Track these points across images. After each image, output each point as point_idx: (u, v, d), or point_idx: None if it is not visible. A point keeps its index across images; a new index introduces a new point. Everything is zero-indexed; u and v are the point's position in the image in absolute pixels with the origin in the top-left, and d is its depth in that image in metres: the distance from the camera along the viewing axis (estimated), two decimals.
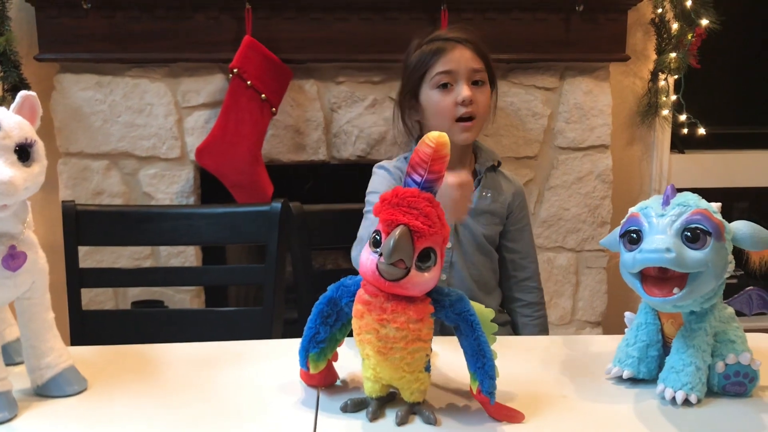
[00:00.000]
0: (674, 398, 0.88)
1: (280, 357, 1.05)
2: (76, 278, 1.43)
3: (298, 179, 2.30)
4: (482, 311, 0.86)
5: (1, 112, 0.83)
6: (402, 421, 0.83)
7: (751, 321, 2.25)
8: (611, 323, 2.29)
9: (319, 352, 0.89)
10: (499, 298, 1.49)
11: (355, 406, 0.87)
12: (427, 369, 0.85)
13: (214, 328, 1.45)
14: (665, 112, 2.31)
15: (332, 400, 0.90)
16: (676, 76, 2.28)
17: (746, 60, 2.57)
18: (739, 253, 0.89)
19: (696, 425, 0.85)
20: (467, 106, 1.37)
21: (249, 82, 1.98)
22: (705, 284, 0.86)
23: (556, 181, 2.23)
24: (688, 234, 0.84)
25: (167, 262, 2.14)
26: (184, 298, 2.16)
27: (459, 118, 1.38)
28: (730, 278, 0.89)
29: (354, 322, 0.83)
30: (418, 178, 0.80)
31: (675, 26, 2.23)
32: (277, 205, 1.43)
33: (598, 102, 2.20)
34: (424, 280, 0.79)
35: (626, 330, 0.99)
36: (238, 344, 1.12)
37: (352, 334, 0.85)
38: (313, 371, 0.90)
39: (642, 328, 0.96)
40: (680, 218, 0.85)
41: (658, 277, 0.87)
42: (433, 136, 0.80)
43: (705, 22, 2.19)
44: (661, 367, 0.93)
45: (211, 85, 2.09)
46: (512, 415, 0.85)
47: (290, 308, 1.56)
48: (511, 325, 1.50)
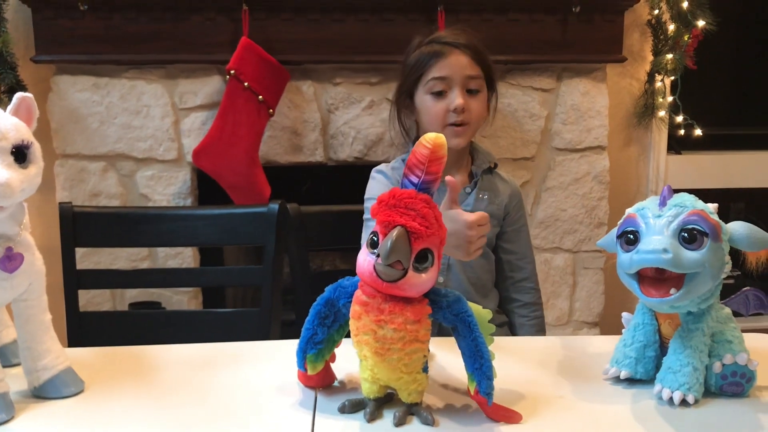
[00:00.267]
0: (671, 399, 0.88)
1: (278, 358, 1.05)
2: (74, 280, 1.43)
3: (295, 180, 2.30)
4: (480, 312, 0.86)
5: None
6: (400, 422, 0.83)
7: (748, 321, 2.26)
8: (608, 324, 2.30)
9: (317, 353, 0.89)
10: (497, 300, 1.49)
11: (352, 407, 0.87)
12: (425, 370, 0.85)
13: (212, 330, 1.45)
14: (662, 113, 2.31)
15: (330, 401, 0.90)
16: (673, 77, 2.28)
17: (742, 61, 2.58)
18: (736, 254, 0.90)
19: (693, 426, 0.85)
20: (459, 114, 1.37)
21: (246, 84, 1.98)
22: (702, 285, 0.86)
23: (553, 182, 2.23)
24: (685, 235, 0.85)
25: (164, 264, 2.14)
26: (182, 300, 2.16)
27: (450, 124, 1.38)
28: (726, 279, 0.89)
29: (351, 323, 0.83)
30: (415, 180, 0.80)
31: (671, 27, 2.24)
32: (275, 206, 1.43)
33: (595, 103, 2.20)
34: (422, 281, 0.79)
35: (623, 330, 0.99)
36: (236, 345, 1.12)
37: (350, 335, 0.85)
38: (310, 372, 0.90)
39: (639, 329, 0.96)
40: (677, 219, 0.85)
41: (655, 278, 0.87)
42: (430, 137, 0.80)
43: (701, 23, 2.19)
44: (658, 368, 0.93)
45: (208, 87, 2.09)
46: (510, 416, 0.85)
47: (288, 309, 1.56)
48: (509, 326, 1.50)
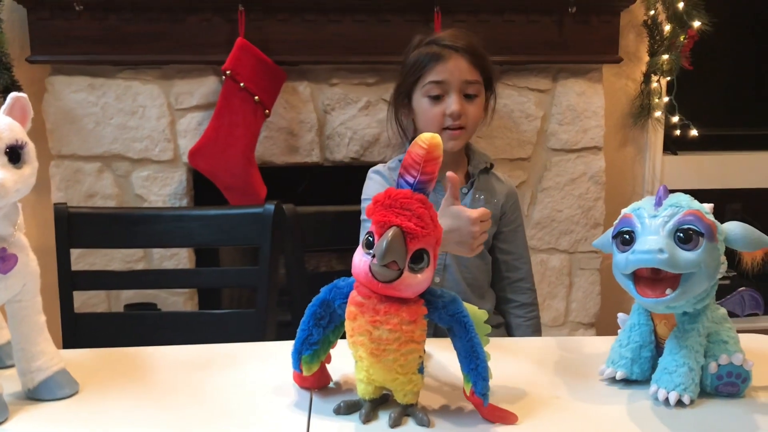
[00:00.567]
0: (667, 399, 0.88)
1: (273, 359, 1.05)
2: (69, 281, 1.43)
3: (291, 181, 2.29)
4: (475, 312, 0.85)
5: None
6: (395, 423, 0.83)
7: (744, 322, 2.26)
8: (604, 324, 2.29)
9: (312, 354, 0.89)
10: (493, 300, 1.49)
11: (348, 408, 0.87)
12: (421, 371, 0.85)
13: (207, 331, 1.45)
14: (658, 114, 2.31)
15: (325, 402, 0.90)
16: (669, 78, 2.28)
17: (738, 62, 2.58)
18: (732, 254, 0.90)
19: (689, 426, 0.85)
20: (456, 119, 1.38)
21: (242, 84, 1.97)
22: (698, 285, 0.86)
23: (549, 183, 2.23)
24: (681, 235, 0.85)
25: (160, 265, 2.13)
26: (177, 301, 2.15)
27: (446, 128, 1.38)
28: (722, 279, 0.89)
29: (347, 323, 0.82)
30: (411, 180, 0.80)
31: (667, 28, 2.24)
32: (271, 207, 1.43)
33: (590, 104, 2.20)
34: (417, 282, 0.79)
35: (619, 331, 0.99)
36: (231, 347, 1.11)
37: (345, 336, 0.84)
38: (306, 373, 0.90)
39: (635, 329, 0.96)
40: (673, 219, 0.85)
41: (651, 278, 0.87)
42: (426, 138, 0.80)
43: (697, 23, 2.19)
44: (654, 368, 0.93)
45: (204, 87, 2.08)
46: (505, 417, 0.85)
47: (283, 310, 1.56)
48: (505, 327, 1.50)
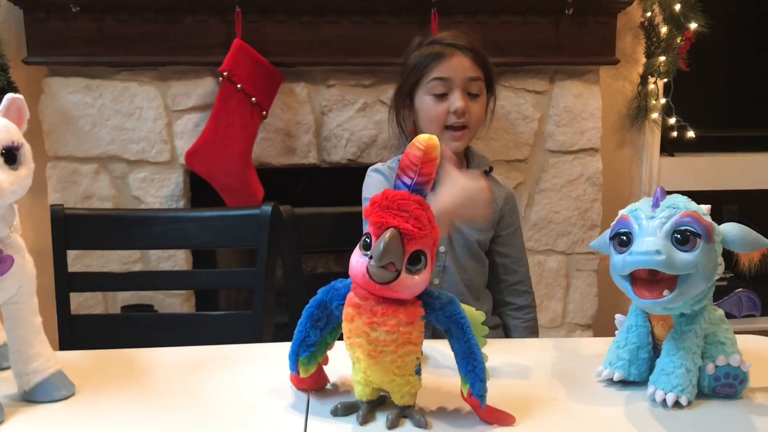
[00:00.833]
0: (665, 400, 0.88)
1: (271, 361, 1.04)
2: (65, 282, 1.42)
3: (288, 182, 2.29)
4: (473, 314, 0.85)
5: None
6: (393, 425, 0.83)
7: (741, 323, 2.26)
8: (602, 326, 2.30)
9: (310, 356, 0.89)
10: (489, 302, 1.49)
11: (345, 410, 0.87)
12: (418, 372, 0.85)
13: (204, 332, 1.45)
14: (655, 116, 2.32)
15: (322, 404, 0.90)
16: (666, 80, 2.29)
17: (735, 63, 2.58)
18: (729, 256, 0.90)
19: (686, 427, 0.85)
20: (460, 117, 1.37)
21: (239, 86, 1.97)
22: (695, 286, 0.86)
23: (546, 184, 2.23)
24: (678, 236, 0.85)
25: (157, 266, 2.13)
26: (174, 302, 2.15)
27: (449, 126, 1.38)
28: (719, 280, 0.89)
29: (344, 325, 0.82)
30: (408, 181, 0.80)
31: (664, 30, 2.24)
32: (268, 208, 1.43)
33: (588, 105, 2.20)
34: (415, 283, 0.78)
35: (617, 332, 0.99)
36: (228, 348, 1.11)
37: (343, 338, 0.84)
38: (303, 375, 0.90)
39: (632, 331, 0.96)
40: (670, 220, 0.85)
41: (648, 280, 0.87)
42: (423, 139, 0.80)
43: (694, 25, 2.20)
44: (651, 370, 0.93)
45: (201, 89, 2.08)
46: (503, 418, 0.85)
47: (280, 312, 1.56)
48: (502, 328, 1.50)
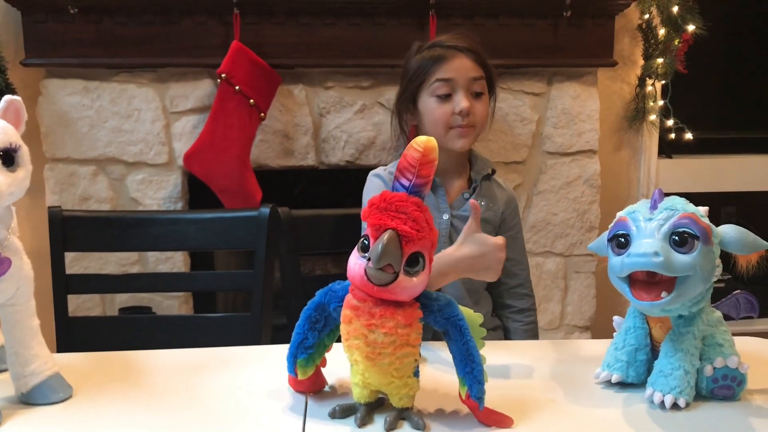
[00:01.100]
0: (663, 402, 0.88)
1: (269, 363, 1.04)
2: (63, 284, 1.42)
3: (286, 184, 2.29)
4: (471, 316, 0.85)
5: None
6: (391, 427, 0.83)
7: (739, 325, 2.26)
8: (600, 328, 2.30)
9: (308, 358, 0.89)
10: (489, 305, 1.49)
11: (343, 412, 0.87)
12: (416, 374, 0.85)
13: (202, 334, 1.44)
14: (653, 117, 2.32)
15: (320, 406, 0.90)
16: (663, 82, 2.29)
17: (733, 65, 2.59)
18: (727, 257, 0.90)
19: (684, 429, 0.85)
20: (465, 117, 1.37)
21: (237, 87, 1.97)
22: (693, 288, 0.86)
23: (544, 186, 2.23)
24: (676, 238, 0.85)
25: (155, 268, 2.12)
26: (172, 304, 2.15)
27: (455, 127, 1.38)
28: (717, 282, 0.90)
29: (342, 327, 0.82)
30: (406, 183, 0.80)
31: (662, 32, 2.24)
32: (266, 210, 1.42)
33: (585, 107, 2.20)
34: (413, 285, 0.78)
35: (615, 334, 0.99)
36: (226, 350, 1.11)
37: (341, 340, 0.84)
38: (301, 377, 0.90)
39: (630, 332, 0.96)
40: (668, 222, 0.86)
41: (647, 281, 0.87)
42: (421, 141, 0.80)
43: (691, 27, 2.20)
44: (649, 371, 0.93)
45: (199, 90, 2.08)
46: (501, 420, 0.85)
47: (279, 314, 1.56)
48: (502, 331, 1.50)
